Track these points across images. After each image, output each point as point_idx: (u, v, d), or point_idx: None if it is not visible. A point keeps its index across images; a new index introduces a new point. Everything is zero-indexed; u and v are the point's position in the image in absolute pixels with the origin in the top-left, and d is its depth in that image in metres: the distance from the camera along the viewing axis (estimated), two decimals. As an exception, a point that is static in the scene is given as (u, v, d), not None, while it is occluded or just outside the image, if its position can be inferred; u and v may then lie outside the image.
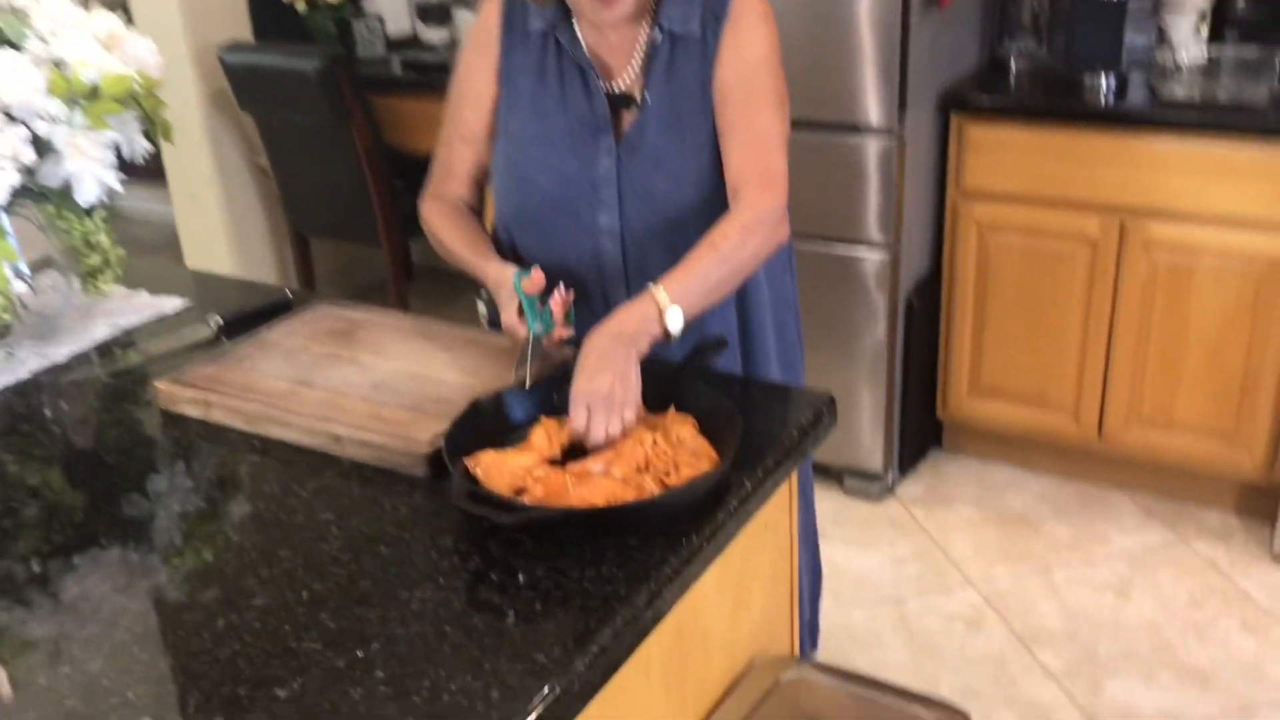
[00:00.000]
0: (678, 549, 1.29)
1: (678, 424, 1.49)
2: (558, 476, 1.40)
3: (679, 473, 1.39)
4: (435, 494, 1.43)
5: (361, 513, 1.40)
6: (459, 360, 1.68)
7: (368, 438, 1.49)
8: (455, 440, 1.43)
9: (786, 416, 1.56)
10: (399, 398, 1.59)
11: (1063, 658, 2.65)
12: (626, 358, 1.45)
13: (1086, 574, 2.92)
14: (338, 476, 1.48)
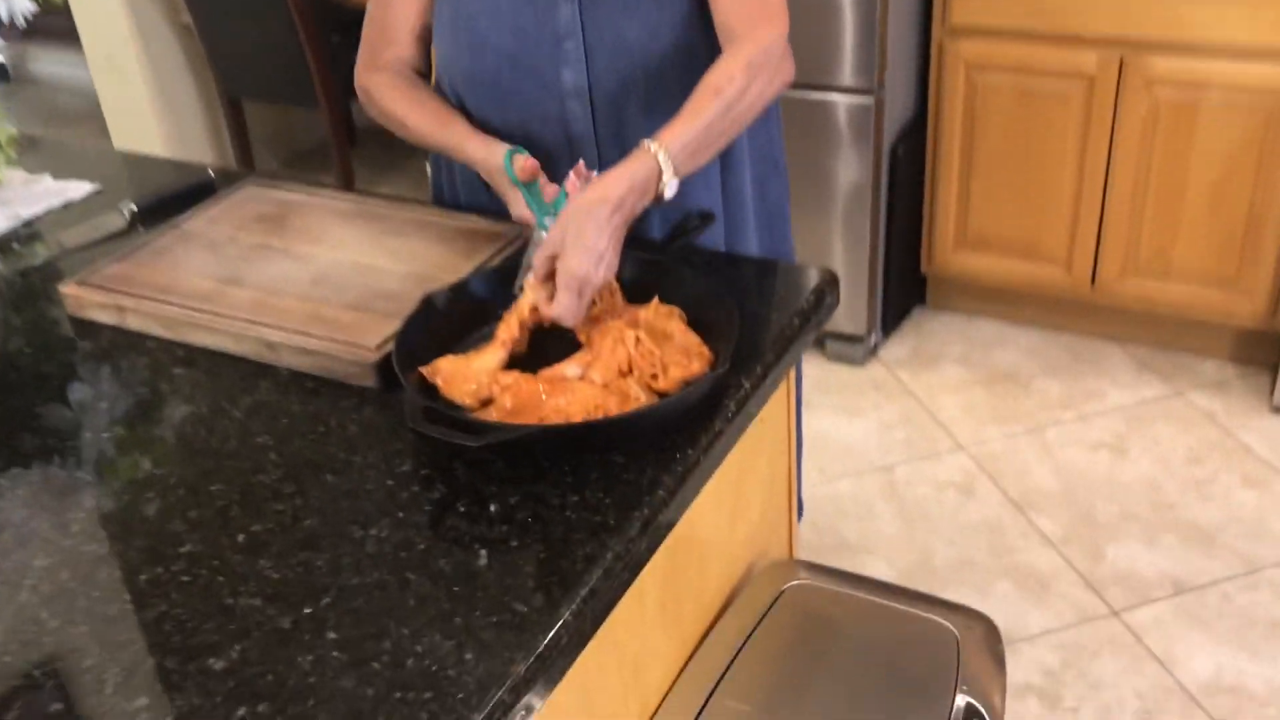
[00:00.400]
0: (671, 466, 1.11)
1: (663, 317, 1.30)
2: (529, 385, 1.21)
3: (667, 375, 1.21)
4: (388, 407, 1.24)
5: (304, 433, 1.21)
6: (409, 247, 1.48)
7: (307, 344, 1.29)
8: (407, 345, 1.24)
9: (784, 300, 1.38)
10: (341, 294, 1.38)
11: (1060, 522, 2.54)
12: (612, 230, 1.25)
13: (1081, 432, 2.80)
14: (275, 390, 1.29)
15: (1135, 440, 2.76)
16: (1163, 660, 2.21)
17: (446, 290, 1.32)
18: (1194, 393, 2.90)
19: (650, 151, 1.29)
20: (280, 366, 1.32)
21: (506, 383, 1.22)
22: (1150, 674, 2.18)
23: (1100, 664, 2.21)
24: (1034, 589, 2.39)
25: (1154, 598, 2.34)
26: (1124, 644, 2.25)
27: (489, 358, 1.26)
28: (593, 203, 1.24)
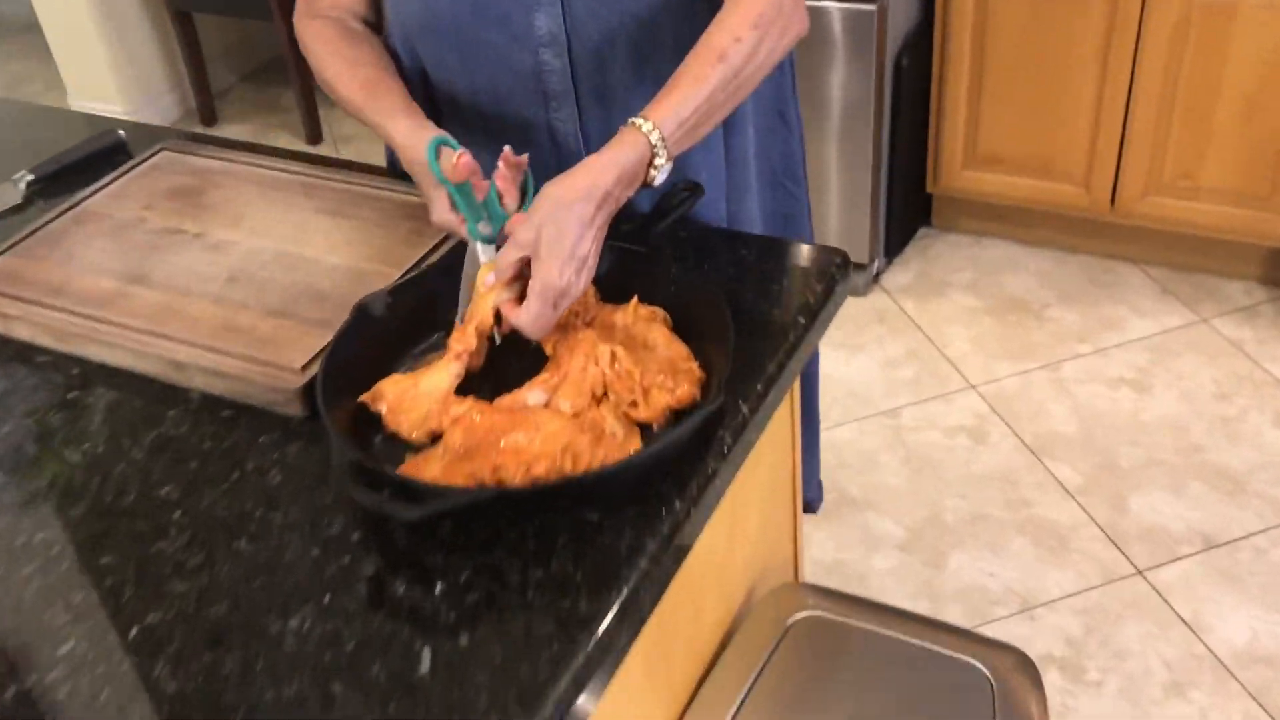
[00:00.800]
0: (656, 525, 0.92)
1: (644, 321, 1.09)
2: (484, 417, 1.01)
3: (649, 402, 1.01)
4: (316, 442, 1.04)
5: (215, 481, 1.01)
6: (344, 230, 1.26)
7: (220, 364, 1.08)
8: (337, 368, 1.03)
9: (786, 292, 1.17)
10: (262, 295, 1.17)
11: (1080, 470, 2.36)
12: (595, 230, 1.03)
13: (1099, 367, 2.61)
14: (183, 420, 1.08)
15: (1158, 375, 2.57)
16: (1192, 624, 2.05)
17: (385, 293, 1.10)
18: (1220, 320, 2.70)
19: (641, 132, 1.06)
20: (191, 389, 1.11)
21: (457, 413, 1.02)
22: (1179, 640, 2.03)
23: (1125, 630, 2.06)
24: (1052, 546, 2.22)
25: (1181, 554, 2.18)
26: (1150, 606, 2.09)
27: (440, 376, 1.05)
28: (575, 197, 1.02)
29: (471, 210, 1.08)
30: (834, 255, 1.19)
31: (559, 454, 0.95)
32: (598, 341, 1.05)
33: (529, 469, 0.94)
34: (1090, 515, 2.27)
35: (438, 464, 0.98)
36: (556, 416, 1.00)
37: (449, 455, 0.98)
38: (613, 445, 0.97)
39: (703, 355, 1.06)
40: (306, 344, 1.09)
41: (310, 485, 1.00)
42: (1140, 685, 1.96)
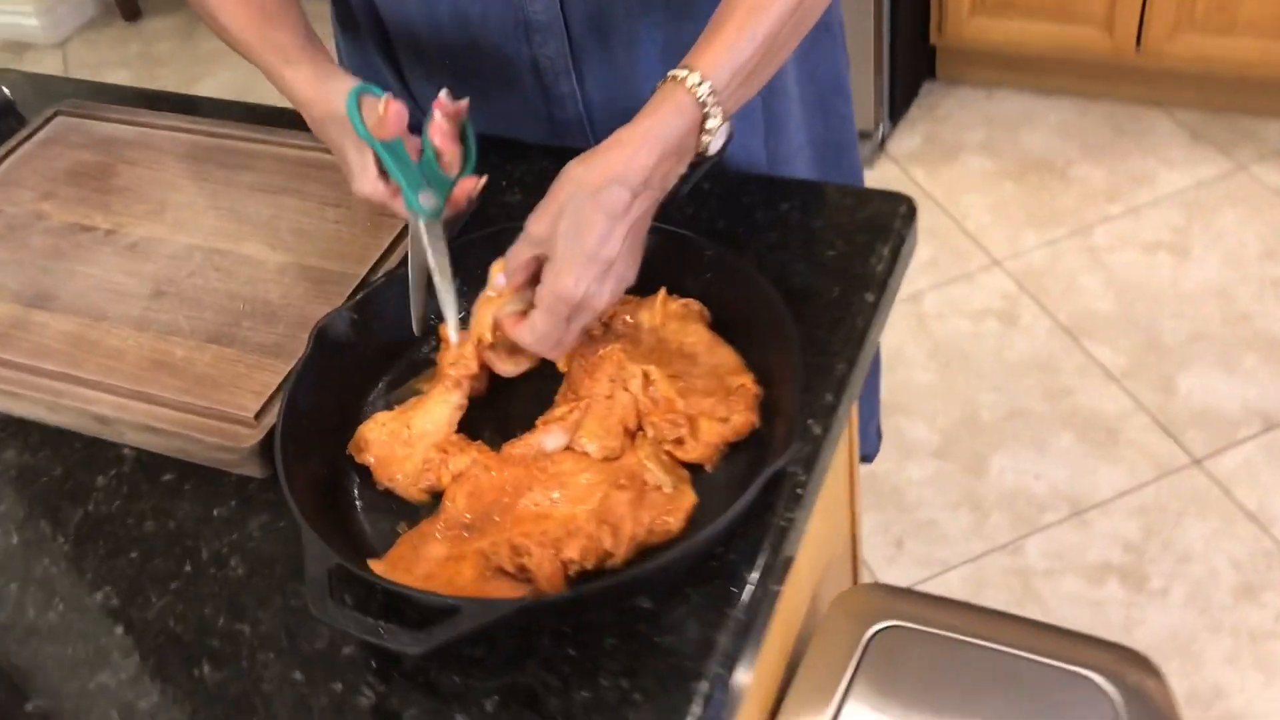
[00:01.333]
0: (727, 610, 0.72)
1: (677, 320, 0.87)
2: (492, 472, 0.80)
3: (697, 435, 0.80)
4: (283, 511, 0.83)
5: (162, 578, 0.81)
6: (294, 213, 1.02)
7: (153, 416, 0.87)
8: (299, 420, 0.81)
9: (843, 257, 0.94)
10: (197, 314, 0.94)
11: (1122, 351, 2.18)
12: (631, 225, 0.78)
13: (1133, 230, 2.40)
14: (116, 491, 0.87)
15: (1197, 234, 2.36)
16: (1259, 518, 1.89)
17: (346, 311, 0.87)
18: (1258, 165, 2.48)
19: (685, 88, 0.79)
20: (123, 444, 0.90)
21: (460, 468, 0.81)
22: (1246, 536, 1.88)
23: (1187, 529, 1.90)
24: (1100, 440, 2.05)
25: (1240, 438, 2.01)
26: (1211, 500, 1.93)
27: (436, 411, 0.84)
28: (604, 180, 0.77)
29: (408, 175, 0.85)
30: (898, 203, 0.97)
31: (594, 525, 0.75)
32: (624, 359, 0.83)
33: (558, 550, 0.74)
34: (1138, 401, 2.09)
35: (440, 543, 0.77)
36: (582, 464, 0.79)
37: (453, 528, 0.78)
38: (660, 503, 0.77)
39: (753, 359, 0.85)
40: (258, 381, 0.87)
41: (282, 577, 0.79)
42: (1208, 590, 1.82)
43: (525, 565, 0.74)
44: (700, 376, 0.83)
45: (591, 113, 1.05)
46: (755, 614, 0.73)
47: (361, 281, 0.94)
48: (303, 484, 0.78)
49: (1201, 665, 1.74)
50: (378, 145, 0.84)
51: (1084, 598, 1.84)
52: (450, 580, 0.75)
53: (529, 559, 0.73)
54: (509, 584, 0.74)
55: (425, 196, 0.85)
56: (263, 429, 0.84)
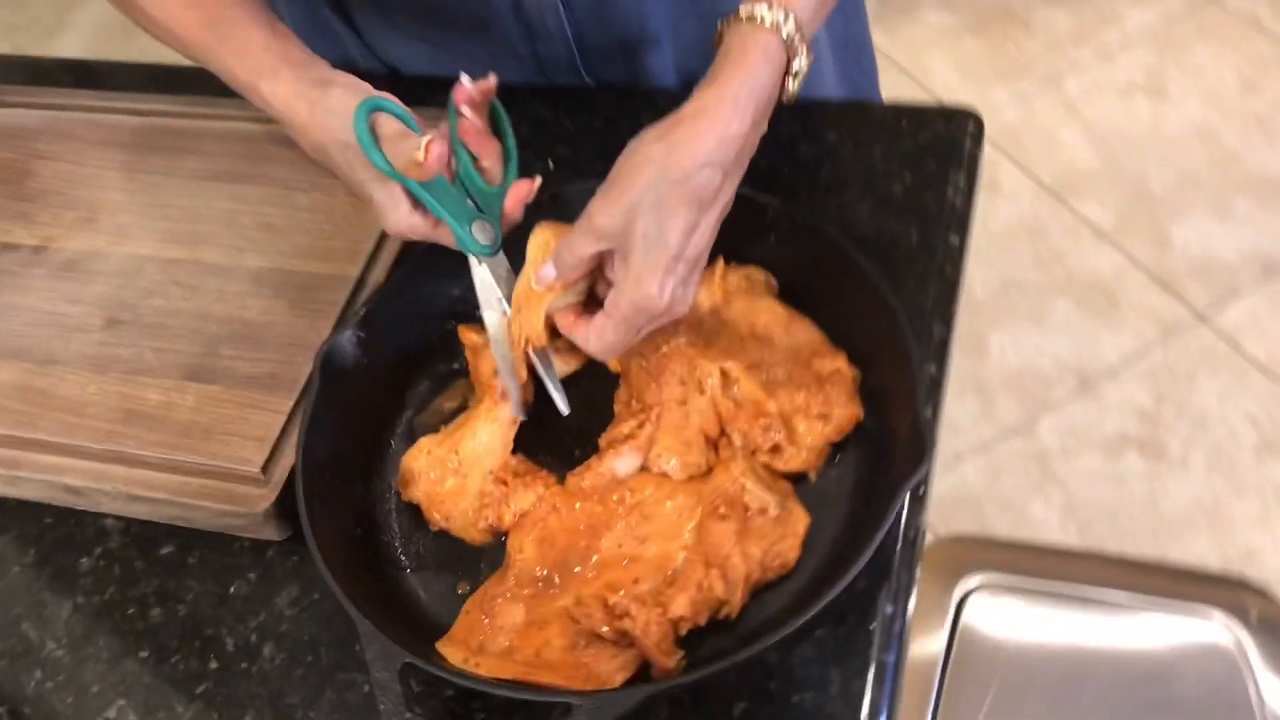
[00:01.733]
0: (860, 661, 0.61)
1: (741, 298, 0.74)
2: (561, 512, 0.67)
3: (795, 440, 0.68)
4: (312, 578, 0.70)
5: (184, 680, 0.68)
6: (257, 203, 0.86)
7: (135, 482, 0.72)
8: (319, 473, 0.68)
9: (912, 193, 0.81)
10: (165, 347, 0.79)
11: (1110, 206, 2.08)
12: (719, 213, 0.64)
13: (1106, 75, 2.28)
14: (105, 576, 0.73)
15: (1172, 74, 2.25)
16: (1270, 369, 1.84)
17: (353, 329, 0.73)
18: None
19: (767, 27, 0.63)
20: (104, 515, 0.76)
21: (522, 508, 0.68)
22: (1260, 390, 1.82)
23: (1199, 389, 1.84)
24: (1099, 304, 1.97)
25: (1241, 286, 1.94)
26: (1220, 356, 1.87)
27: (486, 432, 0.71)
28: (695, 163, 0.61)
29: (455, 211, 0.68)
30: (964, 120, 0.83)
31: (699, 570, 0.63)
32: (695, 356, 0.70)
33: (664, 608, 0.62)
34: (1133, 258, 2.01)
35: (514, 605, 0.65)
36: (665, 489, 0.67)
37: (526, 585, 0.66)
38: (769, 531, 0.65)
39: (839, 332, 0.72)
40: (256, 424, 0.73)
41: (330, 665, 0.67)
42: (1229, 453, 1.76)
43: (624, 629, 0.62)
44: (781, 363, 0.71)
45: (584, 45, 0.90)
46: (899, 650, 0.63)
47: (356, 284, 0.79)
48: (340, 553, 0.65)
49: (1232, 530, 1.69)
50: (410, 183, 0.67)
51: (1105, 474, 1.78)
52: (538, 654, 0.63)
53: (630, 622, 0.61)
54: (608, 651, 0.63)
55: (480, 229, 0.69)
56: (274, 485, 0.70)
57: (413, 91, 0.76)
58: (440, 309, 0.77)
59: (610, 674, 0.62)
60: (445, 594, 0.68)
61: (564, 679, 0.61)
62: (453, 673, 0.59)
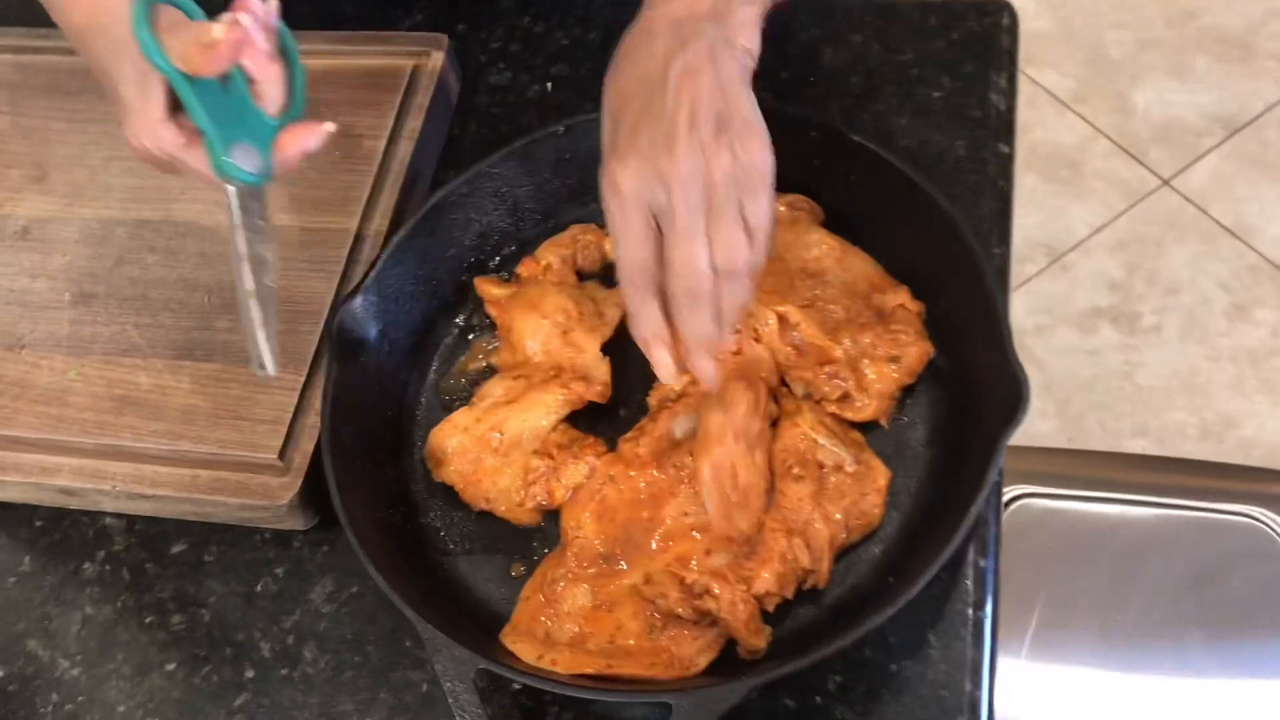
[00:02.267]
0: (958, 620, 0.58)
1: (789, 230, 0.68)
2: (618, 484, 0.62)
3: (864, 385, 0.63)
4: (350, 569, 0.64)
5: (218, 693, 0.62)
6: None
7: (138, 483, 0.65)
8: (349, 461, 0.62)
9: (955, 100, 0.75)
10: (149, 321, 0.71)
11: (1069, 74, 2.04)
12: (721, 74, 0.55)
13: (1055, -67, 2.21)
14: (114, 581, 0.67)
15: (1123, -71, 2.19)
16: (1237, 232, 1.83)
17: (363, 294, 0.66)
18: None
19: None
20: (103, 514, 0.69)
21: (573, 482, 0.62)
22: (1229, 254, 1.81)
23: (1169, 257, 1.82)
24: (1064, 176, 1.93)
25: (1204, 148, 1.92)
26: (1188, 221, 1.85)
27: (538, 413, 0.64)
28: (665, 48, 0.54)
29: (220, 121, 0.57)
30: (998, 13, 0.77)
31: (783, 542, 0.58)
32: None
33: (748, 584, 0.57)
34: (1095, 126, 1.97)
35: (578, 587, 0.60)
36: (730, 451, 0.61)
37: (588, 562, 0.61)
38: (848, 488, 0.60)
39: (895, 262, 0.67)
40: (267, 404, 0.66)
41: (380, 664, 0.62)
42: (1201, 319, 1.76)
43: (708, 610, 0.57)
44: (838, 300, 0.65)
45: None
46: (994, 605, 0.59)
47: (355, 238, 0.71)
48: (382, 546, 0.59)
49: (1209, 398, 1.70)
50: (177, 77, 0.55)
51: (1079, 349, 1.77)
52: (612, 641, 0.58)
53: (712, 602, 0.57)
54: (689, 632, 0.58)
55: (242, 153, 0.57)
56: (296, 472, 0.64)
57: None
58: (453, 260, 0.70)
59: (693, 657, 0.58)
60: (499, 578, 0.63)
61: (645, 667, 0.57)
62: (530, 675, 0.55)
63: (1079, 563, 0.88)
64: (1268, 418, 1.67)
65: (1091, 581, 0.88)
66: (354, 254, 0.71)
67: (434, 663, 0.54)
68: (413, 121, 0.75)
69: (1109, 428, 1.69)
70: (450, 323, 0.71)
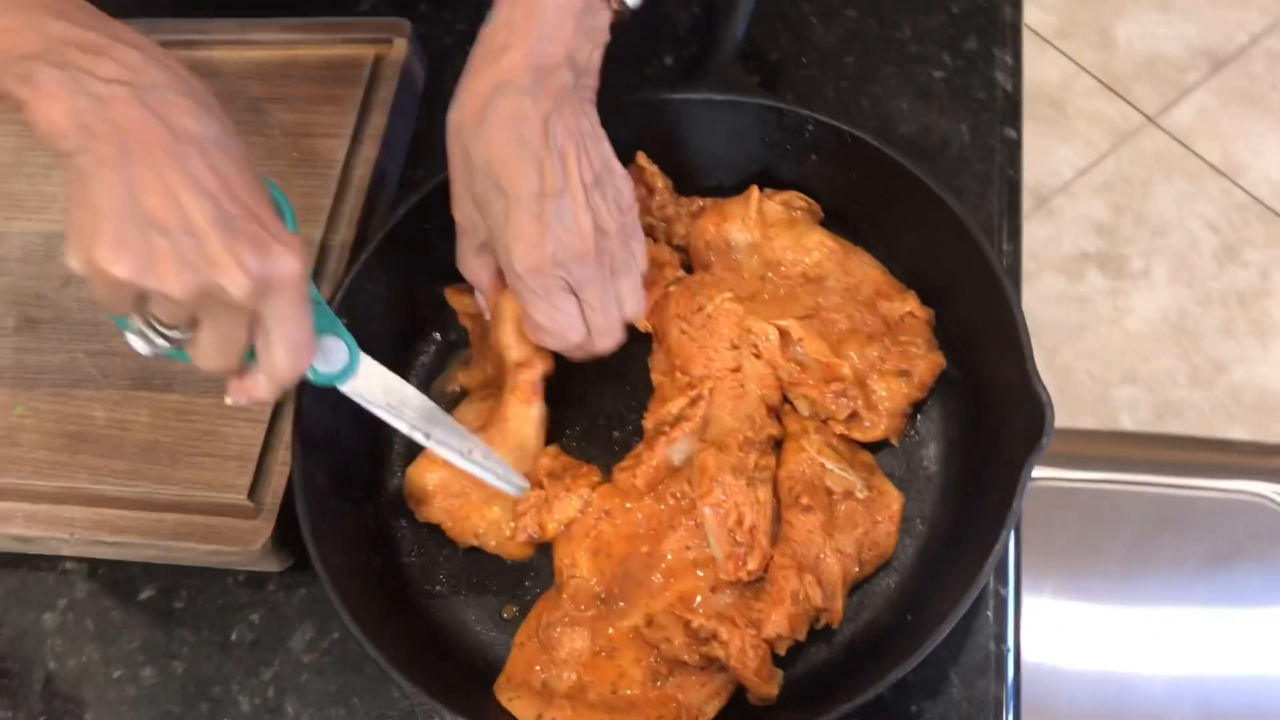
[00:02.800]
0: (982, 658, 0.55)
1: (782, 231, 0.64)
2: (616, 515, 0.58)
3: (872, 403, 0.59)
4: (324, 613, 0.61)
5: (200, 751, 0.59)
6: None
7: (99, 528, 0.61)
8: (323, 499, 0.58)
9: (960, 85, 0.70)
10: (100, 349, 0.66)
11: (1051, 8, 1.97)
12: (545, 131, 0.53)
13: None
14: (78, 627, 0.63)
15: None
16: (1224, 170, 1.79)
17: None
18: None
19: None
20: (63, 559, 0.64)
21: (568, 515, 0.58)
22: (1216, 193, 1.78)
23: (1156, 197, 1.79)
24: (1048, 115, 1.88)
25: (1190, 84, 1.87)
26: (1174, 159, 1.81)
27: (516, 434, 0.60)
28: (479, 104, 0.54)
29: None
30: (1000, -18, 0.72)
31: (794, 580, 0.54)
32: (743, 313, 0.60)
33: (758, 627, 0.54)
34: (1078, 63, 1.92)
35: (575, 630, 0.56)
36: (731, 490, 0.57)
37: (584, 603, 0.57)
38: (860, 517, 0.57)
39: (900, 263, 0.63)
40: (232, 438, 0.61)
41: (375, 711, 0.58)
42: (1190, 260, 1.73)
43: (712, 655, 0.54)
44: (842, 308, 0.61)
45: None
46: (1017, 636, 0.56)
47: (320, 250, 0.66)
48: (362, 594, 0.55)
49: (1198, 342, 1.67)
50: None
51: (1067, 295, 1.74)
52: (615, 690, 0.55)
53: (720, 648, 0.53)
54: (696, 679, 0.55)
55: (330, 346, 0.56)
56: (268, 513, 0.60)
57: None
58: (428, 272, 0.65)
59: (701, 705, 0.54)
60: (490, 620, 0.59)
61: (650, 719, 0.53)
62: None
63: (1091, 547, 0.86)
64: (1258, 361, 1.65)
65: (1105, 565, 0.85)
66: (319, 269, 0.66)
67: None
68: (377, 118, 0.70)
69: (1098, 376, 1.66)
70: (427, 340, 0.66)
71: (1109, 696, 0.83)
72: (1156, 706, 0.81)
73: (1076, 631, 0.84)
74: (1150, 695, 0.82)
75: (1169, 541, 0.85)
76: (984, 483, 0.54)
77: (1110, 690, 0.83)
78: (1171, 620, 0.83)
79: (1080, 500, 0.87)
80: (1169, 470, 0.87)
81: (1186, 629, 0.83)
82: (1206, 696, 0.82)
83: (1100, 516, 0.86)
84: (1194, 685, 0.82)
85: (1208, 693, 0.82)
